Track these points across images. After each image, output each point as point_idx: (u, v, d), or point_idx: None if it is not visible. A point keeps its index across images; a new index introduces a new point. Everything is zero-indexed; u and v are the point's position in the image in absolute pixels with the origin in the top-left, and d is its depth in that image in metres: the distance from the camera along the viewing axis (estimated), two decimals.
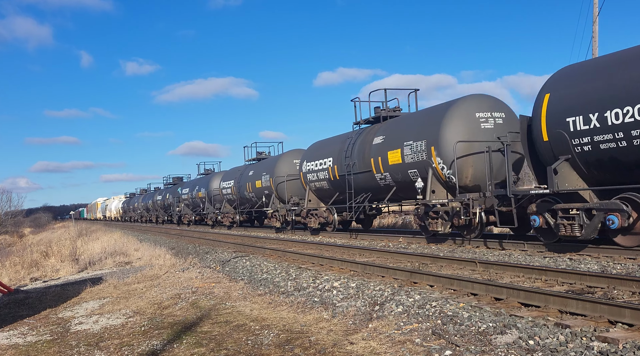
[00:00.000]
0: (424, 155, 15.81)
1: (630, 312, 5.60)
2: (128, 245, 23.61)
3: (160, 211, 53.88)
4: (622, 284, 7.39)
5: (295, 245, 17.80)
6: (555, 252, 11.82)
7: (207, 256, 17.14)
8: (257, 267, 12.90)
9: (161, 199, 53.31)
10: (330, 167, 21.28)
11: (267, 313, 7.93)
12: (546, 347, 5.12)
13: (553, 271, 8.50)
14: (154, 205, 56.25)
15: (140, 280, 12.59)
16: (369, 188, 18.92)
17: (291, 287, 9.68)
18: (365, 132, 19.48)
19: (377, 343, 5.85)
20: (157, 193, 56.69)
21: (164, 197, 51.98)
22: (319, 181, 22.40)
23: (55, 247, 25.15)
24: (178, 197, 46.37)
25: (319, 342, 6.09)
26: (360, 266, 11.05)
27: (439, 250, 13.88)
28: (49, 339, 7.61)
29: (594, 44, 23.02)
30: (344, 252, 14.52)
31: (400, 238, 17.16)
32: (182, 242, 25.19)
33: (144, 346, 6.63)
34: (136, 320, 8.32)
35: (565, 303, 6.31)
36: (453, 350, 5.35)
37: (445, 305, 6.97)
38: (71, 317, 9.06)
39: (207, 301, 9.18)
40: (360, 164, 18.98)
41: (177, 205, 46.08)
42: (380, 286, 8.69)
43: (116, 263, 17.64)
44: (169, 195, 50.08)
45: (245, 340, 6.48)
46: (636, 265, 9.51)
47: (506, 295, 7.17)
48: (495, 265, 9.69)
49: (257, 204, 29.62)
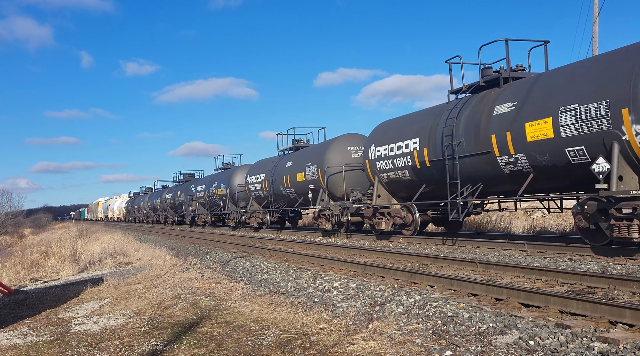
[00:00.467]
0: (603, 123, 10.62)
1: (630, 313, 5.59)
2: (128, 245, 23.63)
3: (169, 211, 49.50)
4: (622, 284, 7.39)
5: (296, 246, 17.80)
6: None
7: (207, 256, 17.14)
8: (258, 267, 12.90)
9: (171, 198, 48.17)
10: (415, 151, 16.12)
11: (268, 313, 7.93)
12: (547, 347, 5.12)
13: (553, 272, 8.50)
14: (162, 204, 51.60)
15: (141, 280, 12.59)
16: (482, 176, 13.91)
17: (291, 288, 9.68)
18: (477, 99, 14.26)
19: (378, 343, 5.84)
20: (165, 192, 51.63)
21: (174, 195, 47.09)
22: (396, 170, 17.15)
23: (56, 248, 25.16)
24: (191, 195, 41.87)
25: (319, 343, 6.08)
26: (360, 266, 11.04)
27: (439, 250, 13.88)
28: (49, 339, 7.60)
29: (594, 44, 23.03)
30: (344, 253, 14.52)
31: (400, 239, 17.11)
32: (183, 242, 25.18)
33: (144, 347, 6.63)
34: (136, 320, 8.32)
35: (566, 304, 6.31)
36: (453, 350, 5.34)
37: (446, 306, 6.96)
38: (71, 318, 9.06)
39: (207, 302, 9.18)
40: (471, 144, 13.91)
41: (190, 204, 41.71)
42: (380, 287, 8.69)
43: (116, 264, 17.65)
44: (180, 193, 45.41)
45: (246, 341, 6.48)
46: (636, 265, 9.51)
47: (506, 296, 7.16)
48: (495, 266, 9.68)
49: (297, 202, 24.62)
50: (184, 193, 44.23)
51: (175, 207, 47.68)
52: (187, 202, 42.75)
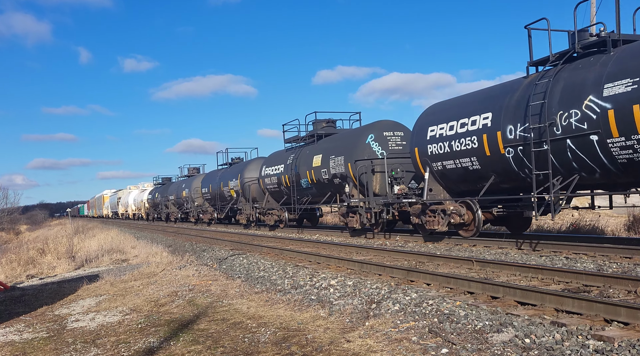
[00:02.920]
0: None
1: (625, 311, 5.62)
2: (125, 242, 23.59)
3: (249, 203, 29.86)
4: (617, 283, 7.42)
5: (292, 244, 17.81)
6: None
7: (204, 254, 17.13)
8: (254, 264, 12.91)
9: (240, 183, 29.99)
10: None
11: (264, 311, 7.94)
12: (542, 345, 5.14)
13: (549, 270, 8.52)
14: (220, 194, 33.12)
15: (137, 277, 12.58)
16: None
17: (288, 285, 9.69)
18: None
19: (374, 341, 5.86)
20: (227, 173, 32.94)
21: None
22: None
23: (52, 244, 25.11)
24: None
25: (315, 340, 6.09)
26: (357, 264, 11.06)
27: (435, 248, 13.90)
28: (46, 336, 7.60)
29: None
30: (340, 250, 14.53)
31: (397, 237, 17.14)
32: (179, 239, 25.17)
33: (141, 344, 6.63)
34: (133, 317, 8.32)
35: (562, 302, 6.33)
36: (449, 348, 5.36)
37: (442, 304, 6.98)
38: (67, 314, 9.05)
39: (204, 299, 9.18)
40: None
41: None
42: (377, 285, 8.71)
43: (113, 261, 17.63)
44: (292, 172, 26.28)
45: (242, 338, 6.48)
46: (632, 264, 9.54)
47: (502, 294, 7.18)
48: (491, 264, 9.71)
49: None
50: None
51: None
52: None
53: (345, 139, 19.70)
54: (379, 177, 17.90)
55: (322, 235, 20.51)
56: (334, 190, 20.03)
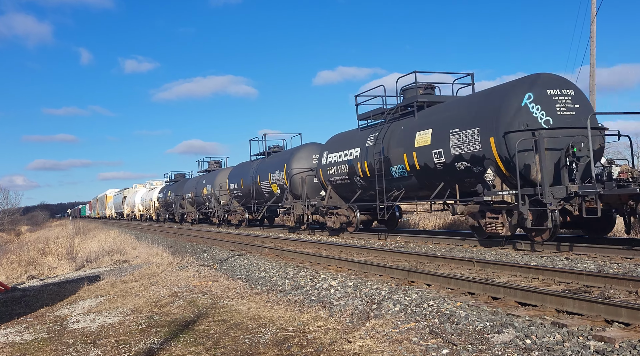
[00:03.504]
0: None
1: (626, 311, 5.62)
2: (125, 243, 23.60)
3: None
4: (618, 284, 7.41)
5: (293, 244, 17.81)
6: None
7: (204, 254, 17.13)
8: (255, 265, 12.91)
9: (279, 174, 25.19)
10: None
11: (265, 311, 7.94)
12: (543, 346, 5.14)
13: (550, 271, 8.52)
14: (257, 189, 27.39)
15: (138, 278, 12.58)
16: None
17: (289, 286, 9.69)
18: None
19: (375, 341, 5.85)
20: (258, 166, 27.88)
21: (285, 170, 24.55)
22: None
23: (53, 245, 25.14)
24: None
25: (316, 341, 6.09)
26: (357, 265, 11.06)
27: (436, 249, 13.90)
28: (46, 337, 7.60)
29: (592, 43, 23.04)
30: (341, 251, 14.53)
31: (397, 237, 17.15)
32: (180, 240, 25.17)
33: (141, 345, 6.63)
34: (133, 318, 8.32)
35: (562, 303, 6.33)
36: (450, 348, 5.36)
37: (443, 304, 6.98)
38: (68, 315, 9.05)
39: (204, 300, 9.18)
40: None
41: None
42: (377, 285, 8.71)
43: (113, 262, 17.63)
44: None
45: (243, 339, 6.48)
46: (633, 264, 9.54)
47: (503, 294, 7.18)
48: (492, 264, 9.70)
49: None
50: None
51: None
52: None
53: (482, 103, 13.70)
54: (547, 156, 11.83)
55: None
56: (453, 179, 14.39)
